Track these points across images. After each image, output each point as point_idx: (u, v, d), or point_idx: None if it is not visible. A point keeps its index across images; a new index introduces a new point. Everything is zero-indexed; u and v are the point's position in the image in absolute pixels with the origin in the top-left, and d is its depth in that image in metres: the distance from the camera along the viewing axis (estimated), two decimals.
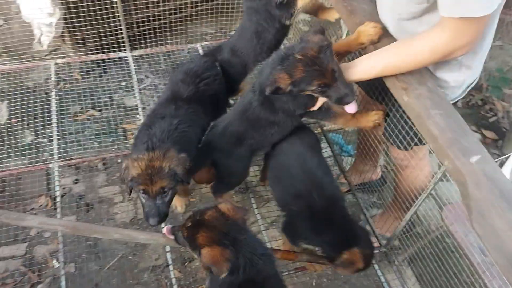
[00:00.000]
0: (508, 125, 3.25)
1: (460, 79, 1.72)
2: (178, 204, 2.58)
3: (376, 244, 2.34)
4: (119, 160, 2.92)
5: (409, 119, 1.73)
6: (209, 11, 3.43)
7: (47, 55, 3.18)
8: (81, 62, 3.09)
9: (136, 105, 3.12)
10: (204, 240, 1.45)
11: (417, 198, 1.94)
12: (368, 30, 1.68)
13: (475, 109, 3.47)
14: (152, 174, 1.77)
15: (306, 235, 2.02)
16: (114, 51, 3.07)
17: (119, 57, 3.15)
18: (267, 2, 2.02)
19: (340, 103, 1.68)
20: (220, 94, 2.30)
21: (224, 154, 2.15)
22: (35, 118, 2.97)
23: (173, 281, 2.29)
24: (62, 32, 2.86)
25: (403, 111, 1.78)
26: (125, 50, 3.10)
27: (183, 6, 3.37)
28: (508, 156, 2.20)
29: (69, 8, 2.82)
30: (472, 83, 1.84)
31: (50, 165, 2.73)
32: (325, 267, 2.31)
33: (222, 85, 2.27)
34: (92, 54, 3.08)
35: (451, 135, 1.41)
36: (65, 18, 2.83)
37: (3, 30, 3.44)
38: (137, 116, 3.09)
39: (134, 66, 3.18)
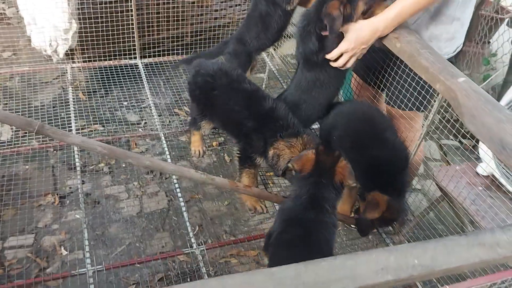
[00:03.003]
0: None
1: (451, 31, 2.00)
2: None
3: None
4: (123, 165, 3.05)
5: (405, 83, 1.99)
6: (207, 41, 3.78)
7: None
8: (94, 68, 3.33)
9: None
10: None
11: (413, 175, 2.17)
12: None
13: (452, 122, 3.78)
14: None
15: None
16: (125, 58, 3.33)
17: (130, 64, 3.42)
18: None
19: None
20: None
21: None
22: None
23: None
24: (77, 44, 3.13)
25: (400, 78, 2.03)
26: (135, 57, 3.37)
27: (184, 34, 3.72)
28: None
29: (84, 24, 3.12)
30: (458, 47, 2.12)
31: None
32: None
33: None
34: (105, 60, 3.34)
35: (439, 65, 1.66)
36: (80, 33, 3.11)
37: (12, 60, 3.69)
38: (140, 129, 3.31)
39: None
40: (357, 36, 1.90)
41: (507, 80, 3.20)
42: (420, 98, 2.02)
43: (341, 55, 1.98)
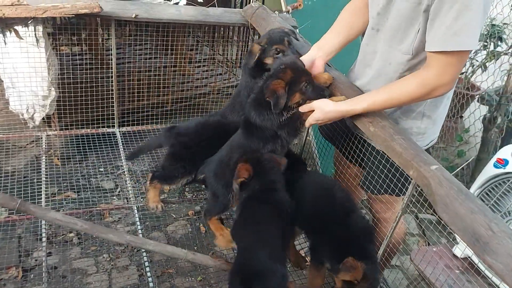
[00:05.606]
0: None
1: (422, 127, 2.00)
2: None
3: None
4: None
5: (379, 166, 1.99)
6: (187, 109, 3.81)
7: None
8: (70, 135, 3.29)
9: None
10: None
11: (393, 253, 2.14)
12: (323, 75, 2.09)
13: None
14: None
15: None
16: (103, 126, 3.30)
17: (108, 133, 3.37)
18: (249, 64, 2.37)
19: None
20: None
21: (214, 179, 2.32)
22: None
23: None
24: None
25: (378, 162, 2.02)
26: (114, 126, 3.34)
27: (165, 102, 3.75)
28: None
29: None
30: (432, 141, 2.12)
31: None
32: None
33: None
34: (82, 128, 3.30)
35: (412, 151, 1.68)
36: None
37: None
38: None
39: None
40: (325, 116, 1.92)
41: (481, 157, 3.27)
42: (394, 180, 1.99)
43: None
